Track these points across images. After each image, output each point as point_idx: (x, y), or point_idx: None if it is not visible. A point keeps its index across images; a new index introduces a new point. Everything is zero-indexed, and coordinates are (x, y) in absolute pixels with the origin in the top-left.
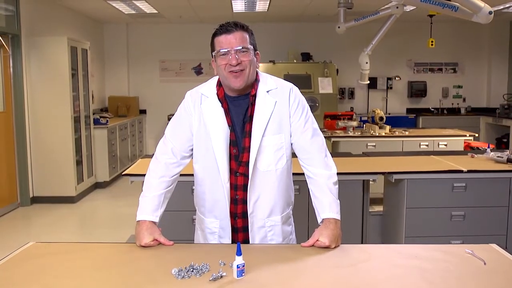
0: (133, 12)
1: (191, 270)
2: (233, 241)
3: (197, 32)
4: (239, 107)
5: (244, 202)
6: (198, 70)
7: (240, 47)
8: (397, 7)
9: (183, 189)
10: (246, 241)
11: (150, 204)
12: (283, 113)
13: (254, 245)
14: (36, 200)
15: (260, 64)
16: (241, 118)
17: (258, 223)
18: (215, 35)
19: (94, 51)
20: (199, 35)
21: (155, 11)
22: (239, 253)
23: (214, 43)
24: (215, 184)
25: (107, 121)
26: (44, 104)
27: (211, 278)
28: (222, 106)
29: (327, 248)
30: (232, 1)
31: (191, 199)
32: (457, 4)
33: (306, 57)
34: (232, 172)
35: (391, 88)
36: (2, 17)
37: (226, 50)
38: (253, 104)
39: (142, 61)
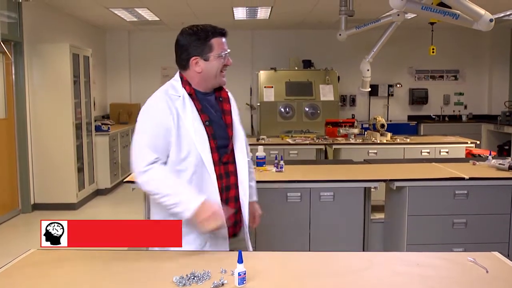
0: (135, 19)
1: (192, 277)
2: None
3: None
4: (209, 102)
5: (236, 186)
6: None
7: (228, 50)
8: (398, 15)
9: None
10: (236, 223)
11: (190, 190)
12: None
13: (255, 253)
14: (37, 207)
15: (262, 71)
16: (218, 112)
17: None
18: (214, 35)
19: (96, 58)
20: None
21: (157, 19)
22: (240, 260)
23: (213, 44)
24: (202, 179)
25: (108, 128)
26: (46, 111)
27: (212, 286)
28: (195, 104)
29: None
30: (234, 9)
31: None
32: (458, 11)
33: (307, 64)
34: (216, 164)
35: (392, 95)
36: (4, 24)
37: (226, 52)
38: (223, 99)
39: (143, 68)
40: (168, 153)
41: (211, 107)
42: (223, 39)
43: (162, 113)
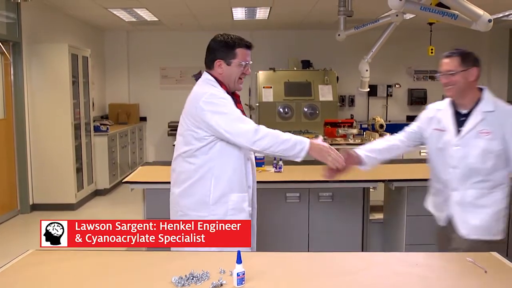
0: (134, 19)
1: (191, 278)
2: None
3: (198, 39)
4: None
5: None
6: (199, 78)
7: (251, 62)
8: (397, 15)
9: None
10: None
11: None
12: None
13: (254, 253)
14: (36, 207)
15: (260, 72)
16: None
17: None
18: (240, 45)
19: (95, 58)
20: (200, 42)
21: (156, 19)
22: (239, 261)
23: (237, 53)
24: (247, 164)
25: (107, 128)
26: (44, 111)
27: (211, 286)
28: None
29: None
30: (233, 9)
31: None
32: (457, 12)
33: (306, 64)
34: None
35: (391, 95)
36: (3, 24)
37: (247, 62)
38: (237, 101)
39: (142, 69)
40: None
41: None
42: (248, 51)
43: (226, 97)
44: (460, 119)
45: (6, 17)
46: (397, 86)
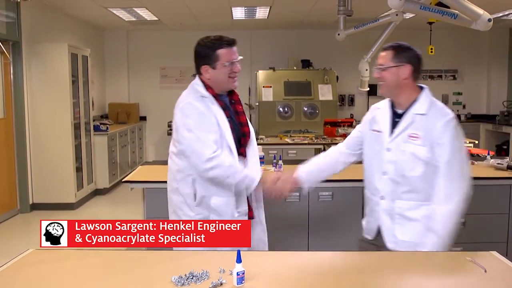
0: (134, 19)
1: (191, 277)
2: None
3: (197, 39)
4: (225, 103)
5: None
6: None
7: (240, 57)
8: (396, 15)
9: None
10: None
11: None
12: None
13: (254, 252)
14: (35, 206)
15: (260, 71)
16: (232, 112)
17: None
18: (220, 47)
19: (95, 57)
20: None
21: (156, 18)
22: (239, 260)
23: (219, 54)
24: None
25: (107, 127)
26: (44, 111)
27: (211, 286)
28: (219, 103)
29: None
30: (232, 8)
31: None
32: (456, 11)
33: (306, 64)
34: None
35: None
36: (3, 24)
37: (232, 61)
38: (235, 102)
39: (142, 68)
40: (219, 143)
41: (227, 106)
42: (231, 49)
43: (203, 110)
44: (396, 120)
45: (6, 16)
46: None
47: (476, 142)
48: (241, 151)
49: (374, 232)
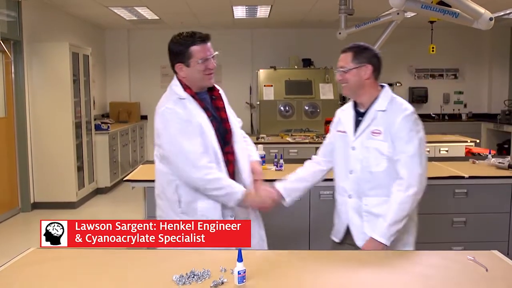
0: (135, 18)
1: (192, 276)
2: None
3: None
4: (206, 101)
5: (233, 174)
6: None
7: (213, 54)
8: (398, 14)
9: None
10: None
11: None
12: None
13: (255, 251)
14: (37, 205)
15: (261, 70)
16: (213, 109)
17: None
18: (193, 43)
19: (96, 57)
20: None
21: (157, 17)
22: (240, 259)
23: (192, 52)
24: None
25: (108, 127)
26: (45, 110)
27: (212, 285)
28: (198, 103)
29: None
30: (233, 7)
31: None
32: (458, 10)
33: (307, 63)
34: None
35: None
36: (4, 23)
37: (206, 58)
38: (216, 97)
39: (143, 67)
40: (203, 146)
41: (208, 104)
42: (204, 45)
43: (183, 114)
44: (358, 119)
45: (7, 15)
46: (398, 84)
47: (477, 141)
48: (227, 149)
49: (341, 234)
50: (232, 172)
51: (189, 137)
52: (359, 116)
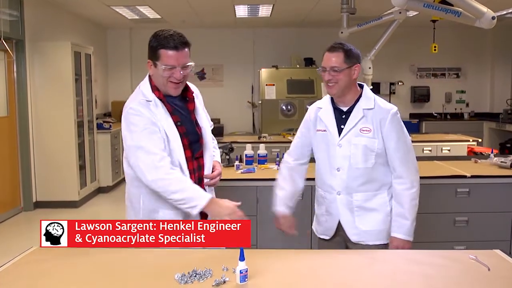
0: (137, 17)
1: (194, 275)
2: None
3: (200, 37)
4: (177, 104)
5: (199, 181)
6: (201, 75)
7: (185, 64)
8: (400, 13)
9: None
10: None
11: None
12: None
13: (257, 250)
14: (39, 204)
15: (263, 69)
16: (187, 111)
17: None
18: (162, 46)
19: (98, 56)
20: (202, 40)
21: (159, 16)
22: (242, 258)
23: (161, 54)
24: None
25: (110, 126)
26: (47, 109)
27: (214, 284)
28: (166, 106)
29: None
30: (235, 6)
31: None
32: (460, 9)
33: (309, 62)
34: (189, 159)
35: (394, 93)
36: (6, 22)
37: (171, 66)
38: (189, 99)
39: (145, 66)
40: (167, 150)
41: (180, 108)
42: (173, 52)
43: (148, 115)
44: (342, 117)
45: (9, 15)
46: (400, 83)
47: (480, 140)
48: (198, 154)
49: (332, 231)
50: (199, 178)
51: (151, 138)
52: (341, 114)
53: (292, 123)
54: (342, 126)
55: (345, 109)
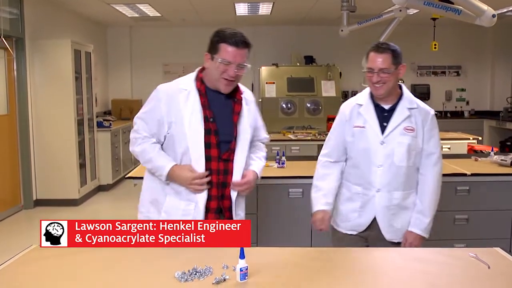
0: (137, 15)
1: (194, 273)
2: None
3: (200, 35)
4: (219, 100)
5: (224, 185)
6: None
7: (241, 63)
8: (400, 10)
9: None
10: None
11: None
12: (254, 115)
13: (257, 248)
14: (39, 203)
15: (263, 67)
16: (229, 110)
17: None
18: (224, 41)
19: (98, 54)
20: (202, 38)
21: (159, 14)
22: (242, 256)
23: (220, 48)
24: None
25: (110, 124)
26: (47, 107)
27: (214, 281)
28: (201, 99)
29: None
30: (235, 4)
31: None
32: (460, 7)
33: (309, 60)
34: (214, 159)
35: None
36: (6, 20)
37: (228, 62)
38: (237, 100)
39: (145, 64)
40: (161, 139)
41: (221, 104)
42: (233, 49)
43: (158, 103)
44: (384, 115)
45: (9, 13)
46: (400, 81)
47: (480, 138)
48: (226, 156)
49: (364, 227)
50: (224, 183)
51: (147, 122)
52: (383, 111)
53: (292, 121)
54: (385, 124)
55: (387, 107)
